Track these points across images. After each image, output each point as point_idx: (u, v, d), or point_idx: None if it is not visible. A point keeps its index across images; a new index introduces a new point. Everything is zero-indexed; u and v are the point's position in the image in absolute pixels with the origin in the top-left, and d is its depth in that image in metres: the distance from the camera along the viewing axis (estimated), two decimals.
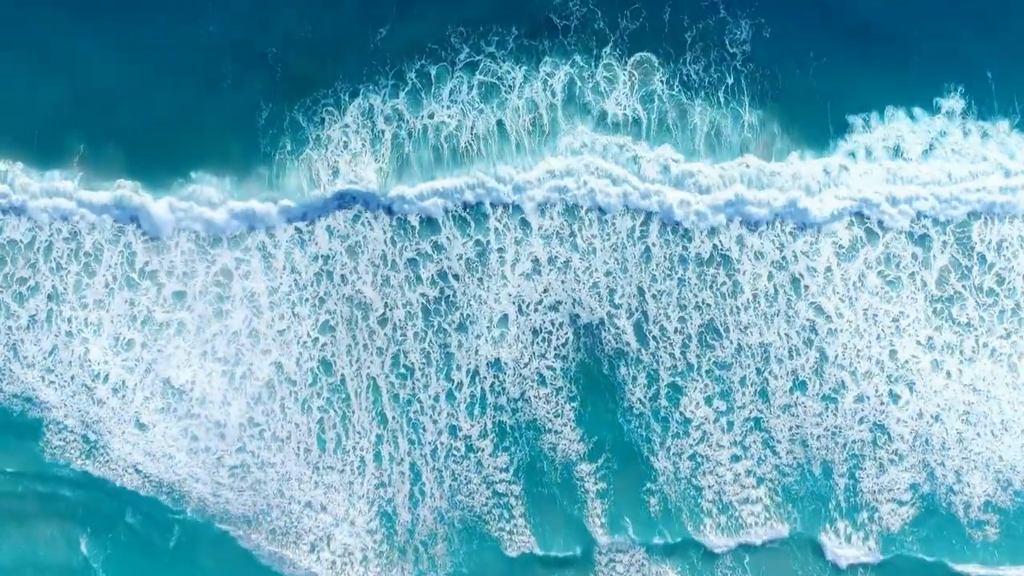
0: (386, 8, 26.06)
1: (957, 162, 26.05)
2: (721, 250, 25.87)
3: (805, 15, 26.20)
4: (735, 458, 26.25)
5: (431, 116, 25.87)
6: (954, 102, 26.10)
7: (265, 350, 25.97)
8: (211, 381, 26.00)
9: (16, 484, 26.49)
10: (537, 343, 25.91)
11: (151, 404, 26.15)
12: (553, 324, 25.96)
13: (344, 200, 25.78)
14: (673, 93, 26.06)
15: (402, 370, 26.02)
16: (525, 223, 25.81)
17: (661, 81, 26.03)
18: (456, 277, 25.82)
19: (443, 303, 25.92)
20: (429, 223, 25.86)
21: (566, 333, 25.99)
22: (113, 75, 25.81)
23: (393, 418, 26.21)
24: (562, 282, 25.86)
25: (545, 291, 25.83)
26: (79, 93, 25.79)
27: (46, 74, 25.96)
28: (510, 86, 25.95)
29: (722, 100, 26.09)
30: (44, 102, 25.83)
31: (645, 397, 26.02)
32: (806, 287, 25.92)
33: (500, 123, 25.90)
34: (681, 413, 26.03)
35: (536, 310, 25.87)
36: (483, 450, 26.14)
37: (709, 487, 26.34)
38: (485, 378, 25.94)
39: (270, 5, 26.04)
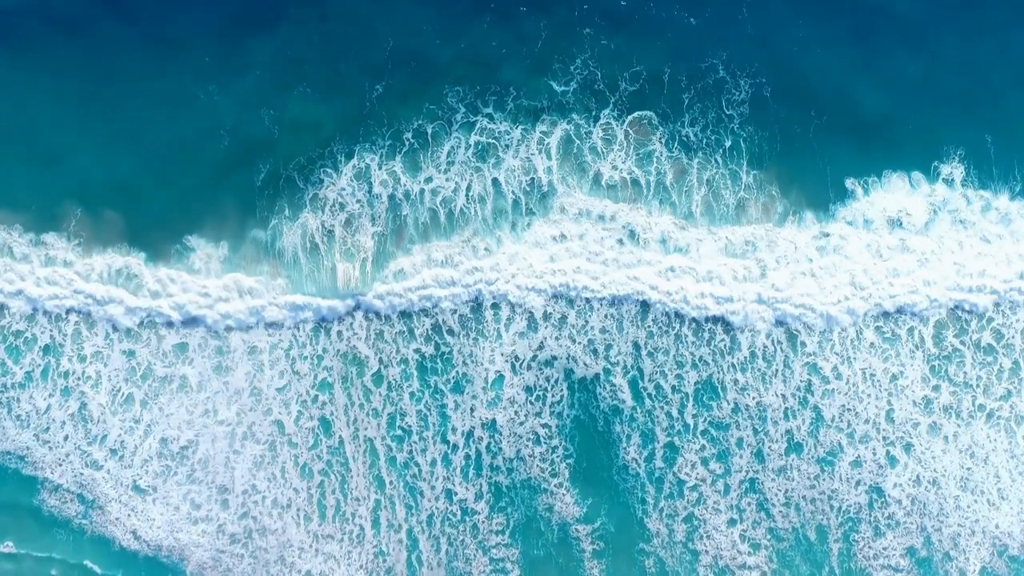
0: (382, 66, 25.98)
1: (960, 237, 26.00)
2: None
3: (805, 75, 26.17)
4: (731, 522, 26.14)
5: (428, 180, 25.78)
6: (953, 167, 26.01)
7: (266, 409, 25.77)
8: (214, 443, 25.78)
9: (8, 560, 26.13)
10: (531, 401, 25.81)
11: (150, 467, 25.86)
12: (548, 380, 25.88)
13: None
14: (671, 154, 25.99)
15: (398, 432, 25.91)
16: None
17: (660, 141, 25.95)
18: (451, 332, 25.73)
19: (439, 360, 25.83)
20: None
21: (561, 390, 25.92)
22: (110, 135, 25.70)
23: (391, 483, 26.04)
24: (556, 338, 25.78)
25: (540, 348, 25.74)
26: (76, 155, 25.67)
27: (43, 137, 25.82)
28: (507, 145, 25.87)
29: (720, 161, 26.01)
30: (41, 165, 25.68)
31: (640, 456, 25.94)
32: (803, 344, 25.84)
33: (496, 181, 25.82)
34: (675, 474, 25.91)
35: (530, 367, 25.78)
36: (479, 513, 26.03)
37: (706, 552, 26.22)
38: (480, 439, 25.86)
39: (266, 64, 25.94)
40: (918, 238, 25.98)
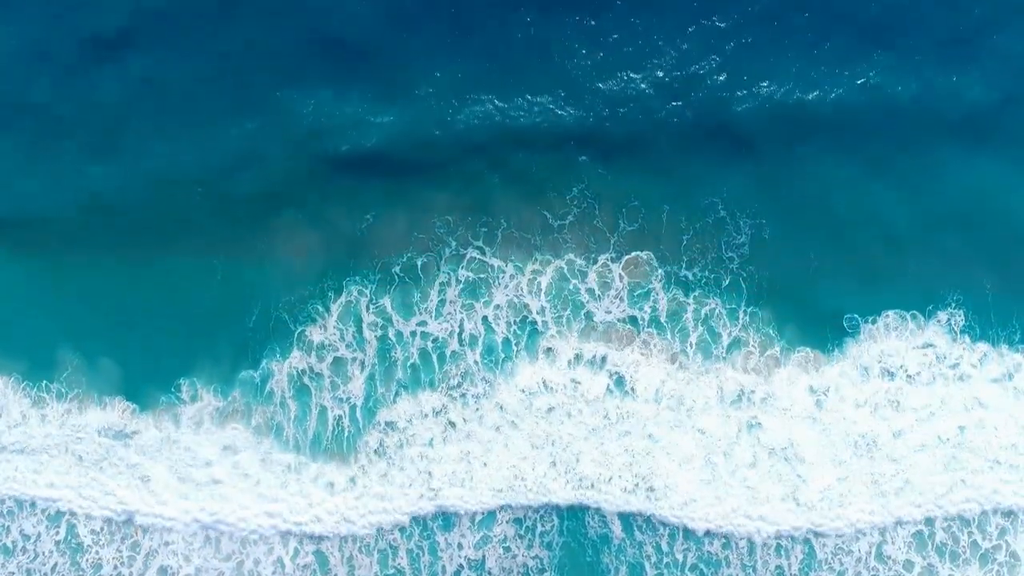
0: (371, 196, 25.72)
1: (961, 396, 25.59)
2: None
3: (807, 216, 25.81)
4: None
5: (422, 324, 25.41)
6: (951, 313, 25.56)
7: (269, 547, 25.25)
8: None
9: None
10: (520, 534, 25.55)
11: None
12: (537, 512, 25.62)
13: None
14: (668, 294, 25.57)
15: (391, 571, 25.56)
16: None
17: (657, 281, 25.53)
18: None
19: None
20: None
21: (552, 520, 25.67)
22: (103, 275, 25.52)
23: None
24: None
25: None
26: (72, 302, 25.47)
27: (35, 280, 25.64)
28: (499, 283, 25.47)
29: (718, 300, 25.59)
30: (38, 316, 25.50)
31: None
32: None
33: (486, 319, 25.47)
34: None
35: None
36: None
37: None
38: None
39: (258, 196, 25.67)
40: (918, 396, 25.54)
